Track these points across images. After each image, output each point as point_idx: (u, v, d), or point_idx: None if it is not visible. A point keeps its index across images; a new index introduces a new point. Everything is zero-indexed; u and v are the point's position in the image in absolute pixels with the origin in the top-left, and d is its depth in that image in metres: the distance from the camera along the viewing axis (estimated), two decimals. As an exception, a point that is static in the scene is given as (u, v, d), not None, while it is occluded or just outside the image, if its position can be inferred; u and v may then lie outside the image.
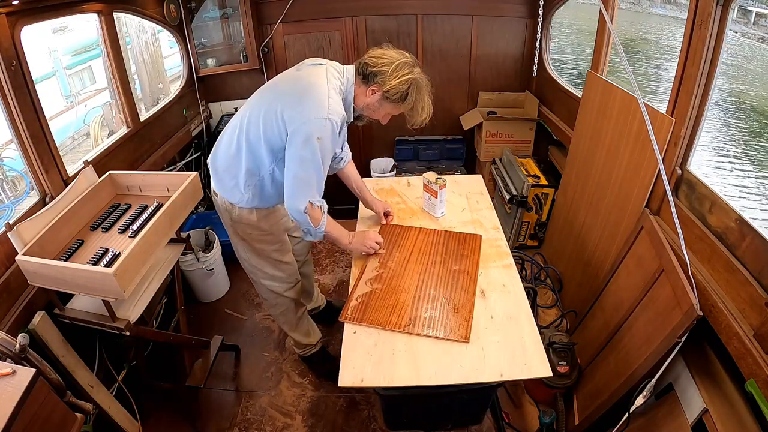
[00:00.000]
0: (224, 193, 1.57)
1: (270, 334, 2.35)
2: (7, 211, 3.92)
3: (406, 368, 1.23)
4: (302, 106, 1.36)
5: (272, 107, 1.40)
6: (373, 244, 1.60)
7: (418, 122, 1.49)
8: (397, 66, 1.39)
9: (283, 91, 1.46)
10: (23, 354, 1.22)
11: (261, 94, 1.53)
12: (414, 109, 1.46)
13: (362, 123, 1.62)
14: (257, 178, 1.51)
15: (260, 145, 1.44)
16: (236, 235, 1.66)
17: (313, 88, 1.38)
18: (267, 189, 1.53)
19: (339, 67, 1.50)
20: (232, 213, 1.59)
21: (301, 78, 1.45)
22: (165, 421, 1.93)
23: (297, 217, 1.46)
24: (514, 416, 1.89)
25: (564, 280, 2.42)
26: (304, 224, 1.48)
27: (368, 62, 1.42)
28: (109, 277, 1.32)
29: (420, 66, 1.46)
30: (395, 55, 1.43)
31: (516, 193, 2.64)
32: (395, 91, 1.40)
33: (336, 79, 1.44)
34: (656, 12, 13.59)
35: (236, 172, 1.51)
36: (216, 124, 3.18)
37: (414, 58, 1.46)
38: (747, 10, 8.82)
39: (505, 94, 3.17)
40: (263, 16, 2.91)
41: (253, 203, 1.56)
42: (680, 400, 1.36)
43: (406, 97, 1.42)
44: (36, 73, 1.74)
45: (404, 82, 1.39)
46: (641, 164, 1.72)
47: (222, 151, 1.55)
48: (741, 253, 1.30)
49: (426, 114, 1.48)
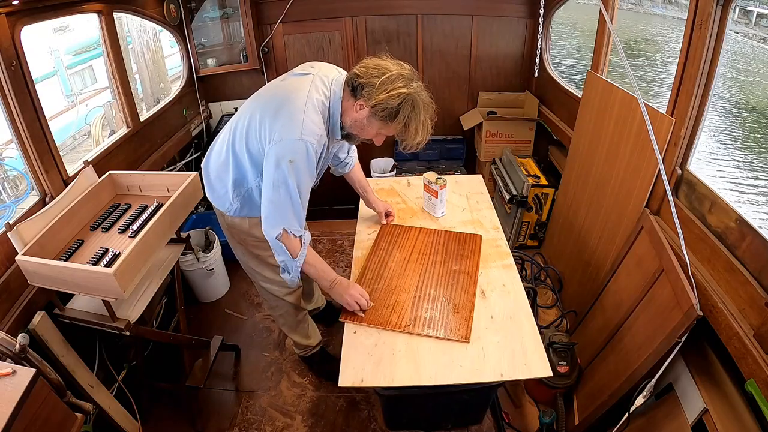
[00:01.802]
0: (215, 200, 1.53)
1: (270, 334, 2.35)
2: (8, 211, 3.93)
3: (406, 368, 1.23)
4: (276, 123, 1.24)
5: (254, 119, 1.31)
6: (354, 303, 1.37)
7: (411, 145, 1.29)
8: (388, 78, 1.20)
9: (264, 103, 1.34)
10: (23, 354, 1.22)
11: (250, 101, 1.45)
12: (406, 131, 1.26)
13: (354, 142, 1.47)
14: (244, 189, 1.45)
15: (244, 157, 1.37)
16: (233, 239, 1.64)
17: (289, 104, 1.25)
18: (255, 200, 1.44)
19: (328, 77, 1.34)
20: (225, 218, 1.56)
21: (281, 91, 1.33)
22: (165, 421, 1.93)
23: (272, 245, 1.34)
24: (514, 416, 1.89)
25: (564, 280, 2.41)
26: (280, 254, 1.34)
27: (358, 72, 1.25)
28: (109, 277, 1.33)
29: (421, 81, 1.27)
30: (390, 66, 1.24)
31: (516, 193, 2.64)
32: (383, 106, 1.21)
33: (319, 93, 1.29)
34: (657, 12, 13.58)
35: (225, 181, 1.46)
36: (216, 124, 3.19)
37: (414, 72, 1.27)
38: (747, 10, 8.82)
39: (505, 94, 3.17)
40: (263, 16, 2.92)
41: (242, 213, 1.51)
42: (680, 400, 1.36)
43: (397, 114, 1.22)
44: (37, 73, 1.74)
45: (394, 97, 1.20)
46: (641, 164, 1.72)
47: (213, 158, 1.51)
48: (741, 253, 1.30)
49: (421, 138, 1.27)
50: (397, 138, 1.33)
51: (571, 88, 2.60)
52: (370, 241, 1.71)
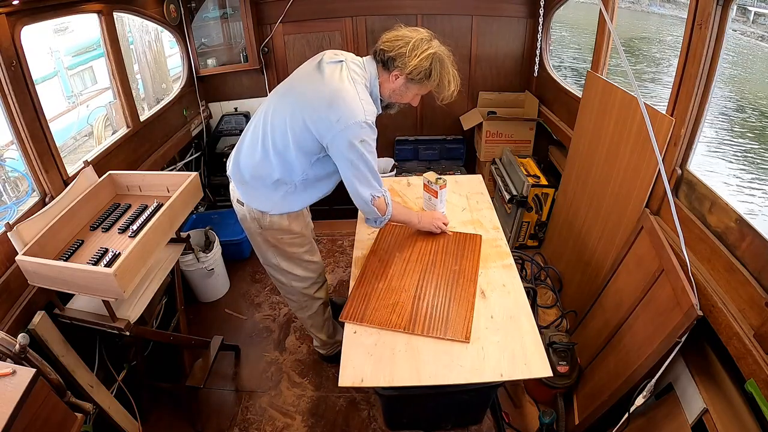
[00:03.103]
0: (253, 202, 1.53)
1: (270, 334, 2.35)
2: (9, 212, 3.92)
3: (406, 368, 1.23)
4: (336, 113, 1.31)
5: (296, 113, 1.37)
6: (441, 225, 1.67)
7: (447, 96, 1.43)
8: (414, 45, 1.35)
9: (306, 97, 1.39)
10: (23, 354, 1.22)
11: (280, 95, 1.48)
12: (441, 85, 1.41)
13: (394, 110, 1.57)
14: (289, 186, 1.49)
15: (290, 151, 1.41)
16: (266, 243, 1.63)
17: (342, 93, 1.33)
18: (299, 194, 1.52)
19: (358, 60, 1.45)
20: (262, 221, 1.55)
21: (324, 82, 1.37)
22: (165, 421, 1.93)
23: (364, 209, 1.50)
24: (514, 416, 1.89)
25: (564, 280, 2.41)
26: (371, 214, 1.51)
27: (384, 48, 1.38)
28: (109, 277, 1.32)
29: (437, 38, 1.41)
30: (410, 33, 1.38)
31: (516, 193, 2.64)
32: (418, 70, 1.36)
33: (359, 76, 1.40)
34: (655, 11, 13.57)
35: (266, 180, 1.48)
36: (216, 124, 3.19)
37: (430, 32, 1.41)
38: (746, 9, 8.82)
39: (505, 94, 3.17)
40: (263, 16, 2.92)
41: (284, 209, 1.54)
42: (680, 400, 1.36)
43: (431, 74, 1.38)
44: (37, 74, 1.74)
45: (425, 59, 1.35)
46: (641, 164, 1.72)
47: (245, 158, 1.51)
48: (741, 253, 1.30)
49: (454, 86, 1.42)
50: (434, 93, 1.45)
51: (570, 87, 2.60)
52: (370, 241, 1.71)
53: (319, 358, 2.17)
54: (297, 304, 1.88)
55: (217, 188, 3.22)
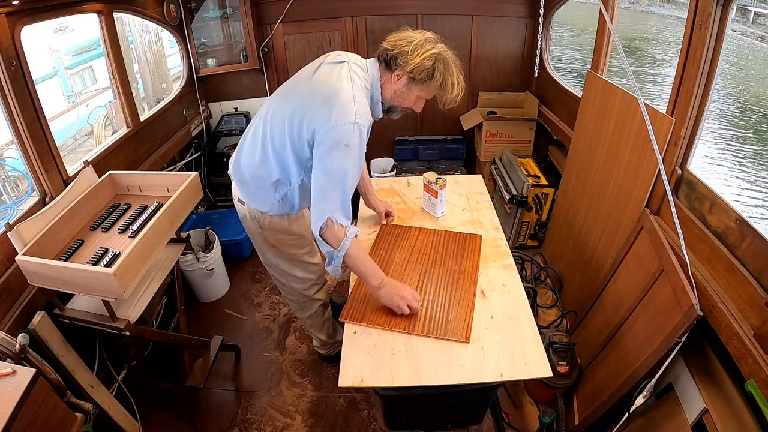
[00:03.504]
0: (253, 202, 1.52)
1: (270, 334, 2.35)
2: (9, 212, 3.92)
3: (406, 368, 1.22)
4: (327, 112, 1.26)
5: (294, 113, 1.33)
6: (406, 307, 1.33)
7: (450, 100, 1.38)
8: (418, 44, 1.31)
9: (305, 96, 1.36)
10: (23, 354, 1.22)
11: (281, 96, 1.46)
12: (444, 87, 1.35)
13: (396, 115, 1.51)
14: (287, 188, 1.46)
15: (287, 153, 1.38)
16: (266, 243, 1.62)
17: (337, 92, 1.29)
18: (298, 197, 1.49)
19: (362, 62, 1.42)
20: (261, 221, 1.55)
21: (323, 81, 1.34)
22: (165, 421, 1.93)
23: (316, 235, 1.33)
24: (514, 416, 1.89)
25: (564, 280, 2.41)
26: (323, 245, 1.35)
27: (387, 47, 1.35)
28: (109, 277, 1.33)
29: (445, 42, 1.37)
30: (415, 34, 1.35)
31: (516, 193, 2.64)
32: (420, 69, 1.31)
33: (360, 78, 1.36)
34: (655, 11, 13.58)
35: (264, 181, 1.45)
36: (216, 124, 3.19)
37: (438, 36, 1.37)
38: (746, 9, 8.82)
39: (505, 94, 3.17)
40: (263, 16, 2.92)
41: (284, 210, 1.52)
42: (680, 400, 1.36)
43: (433, 74, 1.32)
44: (37, 74, 1.74)
45: (428, 57, 1.30)
46: (641, 164, 1.72)
47: (245, 158, 1.49)
48: (741, 253, 1.30)
49: (458, 91, 1.36)
50: (437, 97, 1.40)
51: (570, 87, 2.60)
52: (370, 241, 1.71)
53: (319, 358, 2.17)
54: (297, 305, 1.88)
55: (217, 188, 3.22)
